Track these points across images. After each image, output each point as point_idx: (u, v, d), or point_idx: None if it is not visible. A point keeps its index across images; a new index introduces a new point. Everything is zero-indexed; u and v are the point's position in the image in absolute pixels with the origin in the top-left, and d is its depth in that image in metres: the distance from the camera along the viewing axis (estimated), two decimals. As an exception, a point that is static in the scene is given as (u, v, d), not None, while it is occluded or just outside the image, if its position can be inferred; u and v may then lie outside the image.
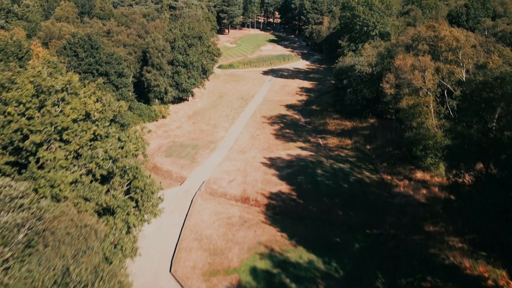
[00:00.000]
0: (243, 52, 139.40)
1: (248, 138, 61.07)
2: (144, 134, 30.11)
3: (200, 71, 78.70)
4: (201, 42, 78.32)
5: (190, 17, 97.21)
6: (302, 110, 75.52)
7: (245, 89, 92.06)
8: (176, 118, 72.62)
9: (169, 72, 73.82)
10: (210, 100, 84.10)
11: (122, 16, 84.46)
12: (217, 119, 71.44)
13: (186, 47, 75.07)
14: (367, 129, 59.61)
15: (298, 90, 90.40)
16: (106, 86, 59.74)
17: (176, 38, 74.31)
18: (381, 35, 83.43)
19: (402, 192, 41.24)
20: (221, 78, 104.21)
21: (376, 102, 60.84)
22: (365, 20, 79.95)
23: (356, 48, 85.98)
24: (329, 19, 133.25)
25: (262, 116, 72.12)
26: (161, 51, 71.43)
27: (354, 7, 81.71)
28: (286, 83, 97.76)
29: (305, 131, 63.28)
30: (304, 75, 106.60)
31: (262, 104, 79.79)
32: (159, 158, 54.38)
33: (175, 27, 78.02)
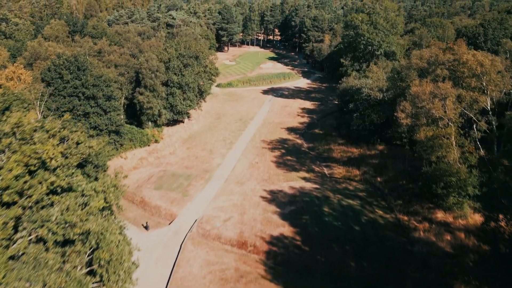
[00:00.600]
0: (242, 70, 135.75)
1: (247, 167, 55.72)
2: (120, 180, 24.75)
3: (197, 92, 74.11)
4: (198, 62, 74.03)
5: (187, 36, 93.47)
6: (304, 133, 70.45)
7: (244, 109, 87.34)
8: (169, 142, 67.46)
9: (163, 93, 69.19)
10: (207, 121, 79.20)
11: (116, 35, 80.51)
12: (213, 143, 66.28)
13: (181, 67, 70.69)
14: (376, 157, 54.32)
15: (299, 111, 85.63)
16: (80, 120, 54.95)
17: (171, 58, 70.00)
18: (386, 54, 79.27)
19: (422, 237, 35.61)
20: (219, 97, 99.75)
21: (384, 127, 55.81)
22: (369, 39, 75.90)
23: (360, 68, 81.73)
24: (330, 36, 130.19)
25: (262, 140, 66.99)
26: (154, 72, 66.97)
27: (357, 26, 77.82)
28: (287, 103, 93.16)
29: (308, 158, 57.98)
30: (306, 95, 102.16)
31: (262, 127, 74.80)
32: (147, 190, 48.88)
33: (170, 46, 73.87)
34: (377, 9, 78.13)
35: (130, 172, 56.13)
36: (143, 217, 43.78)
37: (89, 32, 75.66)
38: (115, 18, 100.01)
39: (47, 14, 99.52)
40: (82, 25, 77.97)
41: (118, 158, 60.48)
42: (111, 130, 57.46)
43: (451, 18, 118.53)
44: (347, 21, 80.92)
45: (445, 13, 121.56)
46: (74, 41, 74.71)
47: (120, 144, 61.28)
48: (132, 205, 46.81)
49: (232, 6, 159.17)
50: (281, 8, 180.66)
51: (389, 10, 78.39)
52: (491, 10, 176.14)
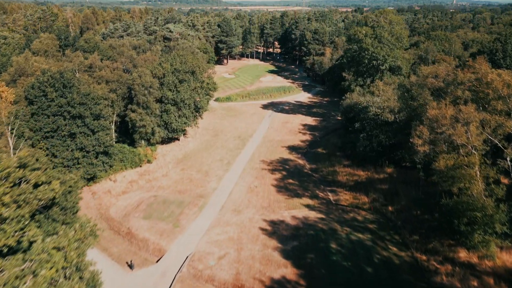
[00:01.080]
0: (241, 84, 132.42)
1: (245, 191, 51.17)
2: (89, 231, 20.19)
3: (193, 109, 70.10)
4: (194, 77, 70.25)
5: (184, 49, 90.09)
6: (307, 153, 66.11)
7: (242, 126, 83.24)
8: (163, 163, 63.03)
9: (157, 110, 65.15)
10: (204, 139, 74.96)
11: (109, 49, 77.00)
12: (209, 164, 61.87)
13: (176, 83, 66.83)
14: (385, 182, 49.82)
15: (301, 128, 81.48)
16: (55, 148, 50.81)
17: (165, 73, 66.20)
18: (391, 69, 75.59)
19: (445, 283, 30.86)
20: (217, 112, 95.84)
21: (393, 148, 51.52)
22: (374, 53, 72.29)
23: (364, 83, 77.94)
24: (331, 50, 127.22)
25: (261, 160, 62.60)
26: (147, 88, 63.05)
27: (361, 40, 74.33)
28: (287, 119, 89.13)
29: (311, 181, 53.47)
30: (307, 110, 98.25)
31: (261, 145, 70.51)
32: (135, 220, 44.23)
33: (165, 61, 70.20)
34: (381, 23, 74.84)
35: (118, 197, 51.61)
36: (128, 252, 39.05)
37: (81, 46, 72.17)
38: (110, 32, 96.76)
39: (41, 27, 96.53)
40: (74, 39, 74.53)
41: (107, 181, 56.01)
42: (99, 151, 53.13)
43: (455, 31, 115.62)
44: (350, 35, 77.53)
45: (448, 26, 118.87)
46: (65, 56, 71.07)
47: (109, 166, 56.88)
48: (118, 237, 42.12)
49: (231, 19, 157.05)
50: (281, 21, 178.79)
51: (394, 23, 75.08)
52: (494, 23, 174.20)
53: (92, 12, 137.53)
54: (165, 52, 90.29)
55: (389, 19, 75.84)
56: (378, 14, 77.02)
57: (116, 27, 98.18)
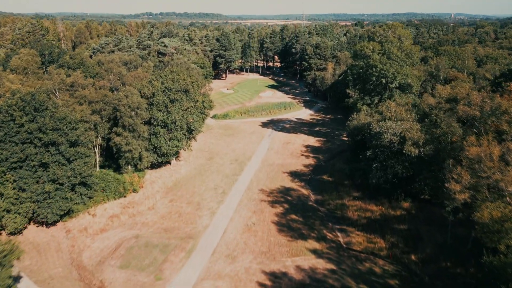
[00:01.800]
0: (240, 100, 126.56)
1: (241, 230, 44.14)
2: None
3: (185, 131, 63.62)
4: (187, 96, 64.02)
5: (179, 65, 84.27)
6: (311, 180, 59.27)
7: (240, 147, 76.65)
8: (150, 192, 56.15)
9: (145, 133, 58.67)
10: (198, 163, 68.22)
11: (96, 65, 71.08)
12: (202, 193, 54.99)
13: (167, 103, 60.56)
14: (403, 220, 42.87)
15: (303, 150, 74.84)
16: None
17: (155, 93, 59.98)
18: (401, 87, 69.48)
19: None
20: (214, 131, 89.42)
21: (411, 180, 44.80)
22: (382, 70, 66.29)
23: (371, 102, 71.72)
24: (333, 64, 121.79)
25: (260, 189, 55.73)
26: (134, 109, 56.74)
27: (368, 56, 68.46)
28: (288, 139, 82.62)
29: (318, 218, 46.47)
30: (309, 128, 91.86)
31: (261, 170, 63.74)
32: (110, 270, 37.12)
33: (156, 78, 64.13)
34: (390, 37, 69.15)
35: (95, 236, 44.58)
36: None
37: (65, 63, 66.25)
38: (101, 46, 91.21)
39: (30, 42, 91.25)
40: (58, 55, 68.73)
41: (85, 215, 49.04)
42: (75, 183, 46.31)
43: (462, 45, 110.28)
44: (356, 51, 71.73)
45: (455, 40, 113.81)
46: (47, 73, 65.13)
47: (88, 197, 50.00)
48: (88, 291, 35.00)
49: (230, 33, 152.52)
50: (281, 35, 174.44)
51: (403, 38, 69.40)
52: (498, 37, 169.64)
53: (86, 25, 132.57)
54: (158, 68, 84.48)
55: (398, 33, 70.18)
56: (386, 28, 71.41)
57: (107, 42, 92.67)
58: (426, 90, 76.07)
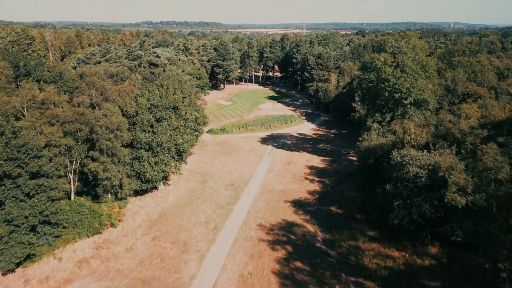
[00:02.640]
0: (238, 112, 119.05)
1: (235, 284, 35.82)
2: None
3: (174, 153, 55.68)
4: (177, 114, 56.25)
5: (171, 77, 76.72)
6: (317, 212, 51.07)
7: (237, 168, 68.62)
8: (131, 227, 47.92)
9: (126, 158, 50.71)
10: (189, 188, 60.11)
11: (77, 79, 63.45)
12: (191, 229, 46.77)
13: (153, 122, 52.78)
14: (433, 273, 34.59)
15: (307, 172, 66.74)
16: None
17: (138, 111, 52.18)
18: (416, 103, 61.75)
19: None
20: (209, 148, 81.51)
21: (441, 221, 36.68)
22: (396, 85, 58.61)
23: (382, 119, 63.89)
24: (336, 75, 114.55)
25: (259, 225, 47.49)
26: (114, 130, 48.88)
27: (380, 68, 60.86)
28: (290, 158, 74.63)
29: (328, 266, 38.14)
30: (312, 146, 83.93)
31: (259, 198, 55.59)
32: None
33: (141, 94, 56.43)
34: (403, 48, 61.69)
35: (57, 289, 36.28)
36: None
37: (41, 76, 58.69)
38: (86, 57, 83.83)
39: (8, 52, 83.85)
40: (35, 67, 61.24)
41: (49, 259, 40.83)
42: (34, 223, 38.15)
43: (474, 56, 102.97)
44: (365, 63, 64.15)
45: (466, 50, 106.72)
46: (19, 88, 57.47)
47: (54, 237, 41.83)
48: None
49: (229, 42, 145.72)
50: (281, 44, 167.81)
51: (418, 48, 61.93)
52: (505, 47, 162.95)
53: (76, 34, 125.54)
54: (148, 81, 76.89)
55: (412, 44, 62.73)
56: (399, 38, 63.99)
57: (93, 52, 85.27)
58: (442, 106, 68.42)
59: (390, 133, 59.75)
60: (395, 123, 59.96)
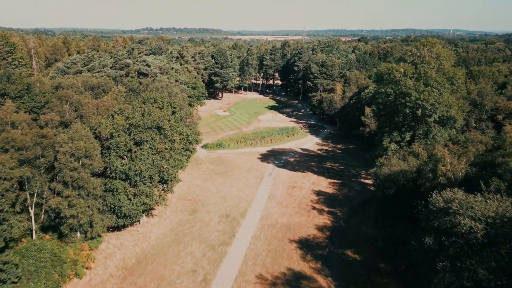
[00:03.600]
0: (237, 124, 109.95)
1: None
2: None
3: (157, 182, 46.34)
4: (162, 135, 47.03)
5: (160, 89, 67.65)
6: (329, 257, 41.48)
7: (233, 193, 59.26)
8: (100, 278, 38.37)
9: (97, 190, 41.36)
10: (176, 221, 50.66)
11: (49, 92, 54.35)
12: (174, 282, 37.22)
13: (131, 146, 43.53)
14: None
15: (314, 199, 57.33)
16: None
17: (114, 133, 42.93)
18: (440, 121, 52.60)
19: None
20: (203, 167, 72.22)
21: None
22: (418, 100, 49.51)
23: (401, 139, 54.68)
24: (342, 85, 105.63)
25: (258, 276, 37.94)
26: (81, 158, 39.61)
27: (399, 81, 51.83)
28: (294, 180, 65.30)
29: None
30: (318, 164, 74.59)
31: (259, 236, 46.09)
32: None
33: (120, 111, 47.30)
34: (426, 57, 52.77)
35: None
36: None
37: (4, 90, 49.64)
38: (66, 66, 74.81)
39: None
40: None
41: (-11, 329, 31.34)
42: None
43: (489, 65, 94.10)
44: (381, 74, 55.07)
45: (481, 59, 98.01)
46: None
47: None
48: None
49: (227, 49, 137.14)
50: (282, 51, 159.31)
51: (443, 58, 53.03)
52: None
53: (63, 41, 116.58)
54: (136, 93, 67.83)
55: (436, 52, 53.77)
56: (420, 46, 55.04)
57: (74, 61, 76.18)
58: (468, 123, 59.32)
59: (412, 156, 50.61)
60: (417, 145, 50.83)
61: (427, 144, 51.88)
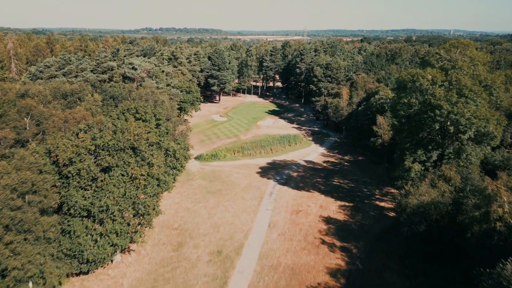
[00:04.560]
0: (234, 130, 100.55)
1: None
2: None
3: (131, 216, 36.91)
4: (138, 157, 37.62)
5: (145, 96, 58.14)
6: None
7: (228, 220, 49.93)
8: None
9: (50, 232, 31.97)
10: (156, 260, 41.26)
11: (9, 102, 44.94)
12: None
13: (96, 173, 34.12)
14: None
15: (323, 229, 47.90)
16: None
17: (74, 158, 33.47)
18: (476, 138, 43.10)
19: None
20: (194, 184, 62.91)
21: None
22: (452, 113, 40.09)
23: (427, 159, 45.22)
24: (348, 89, 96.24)
25: None
26: (25, 193, 30.19)
27: (426, 90, 42.38)
28: (298, 202, 55.95)
29: None
30: (325, 181, 65.20)
31: (257, 285, 36.74)
32: None
33: (88, 127, 37.89)
34: (458, 62, 43.35)
35: None
36: None
37: None
38: (39, 70, 65.31)
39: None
40: None
41: None
42: None
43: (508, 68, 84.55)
44: (403, 81, 45.46)
45: (500, 61, 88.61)
46: None
47: None
48: None
49: (225, 50, 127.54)
50: (282, 52, 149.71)
51: (478, 62, 43.61)
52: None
53: (47, 41, 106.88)
54: (117, 101, 58.34)
55: (469, 55, 44.29)
56: (450, 47, 45.48)
57: (48, 64, 66.51)
58: (504, 139, 49.91)
59: (442, 181, 41.35)
60: (448, 167, 41.50)
61: (460, 165, 42.58)
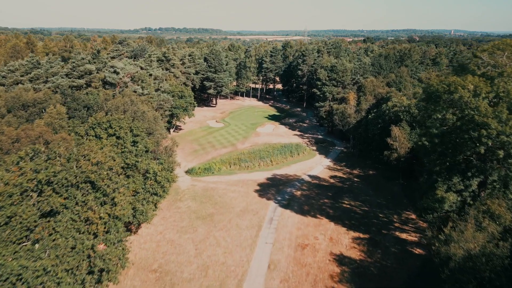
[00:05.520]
0: (231, 139, 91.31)
1: None
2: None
3: (85, 275, 27.58)
4: (98, 192, 28.30)
5: (122, 106, 48.77)
6: None
7: (218, 259, 40.70)
8: None
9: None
10: (128, 317, 32.00)
11: None
12: None
13: (36, 220, 24.81)
14: None
15: (335, 272, 38.68)
16: None
17: (3, 201, 24.12)
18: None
19: None
20: (182, 206, 53.68)
21: None
22: (503, 134, 30.81)
23: (465, 188, 35.93)
24: (355, 94, 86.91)
25: None
26: None
27: (467, 103, 33.09)
28: (304, 234, 46.70)
29: None
30: (333, 203, 55.97)
31: None
32: None
33: (33, 152, 28.60)
34: (505, 68, 34.17)
35: None
36: None
37: None
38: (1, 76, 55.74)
39: None
40: None
41: None
42: None
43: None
44: (434, 92, 36.06)
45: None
46: None
47: None
48: None
49: (221, 51, 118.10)
50: (283, 53, 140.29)
51: (530, 68, 34.38)
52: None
53: (27, 41, 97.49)
54: (91, 112, 49.00)
55: (519, 59, 34.87)
56: (493, 49, 36.10)
57: (12, 68, 57.16)
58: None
59: (489, 219, 32.17)
60: (497, 203, 32.26)
61: (510, 198, 33.32)
